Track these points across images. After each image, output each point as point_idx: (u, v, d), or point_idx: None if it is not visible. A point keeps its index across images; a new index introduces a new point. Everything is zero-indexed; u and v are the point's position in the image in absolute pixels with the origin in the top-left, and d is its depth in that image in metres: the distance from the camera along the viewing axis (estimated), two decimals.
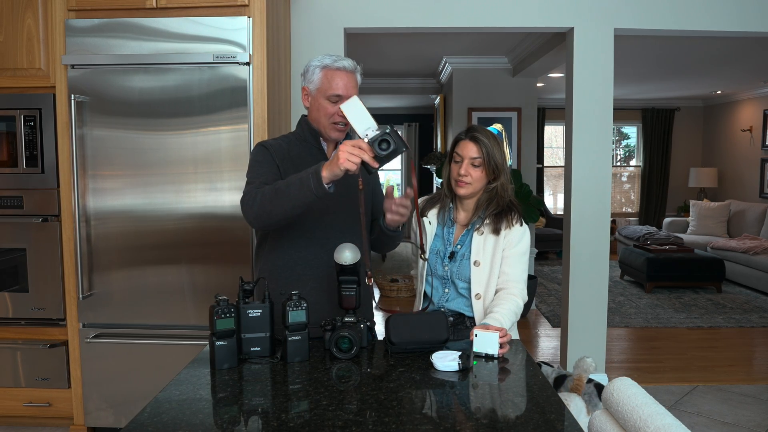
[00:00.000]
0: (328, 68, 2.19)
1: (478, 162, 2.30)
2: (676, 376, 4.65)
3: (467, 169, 2.30)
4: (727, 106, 10.14)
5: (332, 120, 2.21)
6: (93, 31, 3.15)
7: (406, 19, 3.91)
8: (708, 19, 3.94)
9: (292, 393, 1.66)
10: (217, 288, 3.20)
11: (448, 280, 2.38)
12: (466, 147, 2.32)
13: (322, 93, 2.20)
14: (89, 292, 3.28)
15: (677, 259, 7.60)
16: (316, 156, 2.27)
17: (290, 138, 2.31)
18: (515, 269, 2.32)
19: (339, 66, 2.19)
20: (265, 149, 2.22)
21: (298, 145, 2.28)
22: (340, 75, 2.19)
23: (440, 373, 1.82)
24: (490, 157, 2.29)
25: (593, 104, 4.03)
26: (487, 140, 2.30)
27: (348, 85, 2.20)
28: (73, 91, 3.17)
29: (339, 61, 2.20)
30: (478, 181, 2.32)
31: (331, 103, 2.19)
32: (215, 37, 3.10)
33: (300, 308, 1.92)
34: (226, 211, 3.17)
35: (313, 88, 2.22)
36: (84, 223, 3.24)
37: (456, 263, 2.36)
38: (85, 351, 3.33)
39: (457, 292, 2.37)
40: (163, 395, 1.65)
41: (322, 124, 2.23)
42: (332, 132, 2.23)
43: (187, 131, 3.15)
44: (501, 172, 2.33)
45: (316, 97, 2.22)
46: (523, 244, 2.34)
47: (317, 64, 2.21)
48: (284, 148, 2.24)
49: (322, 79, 2.19)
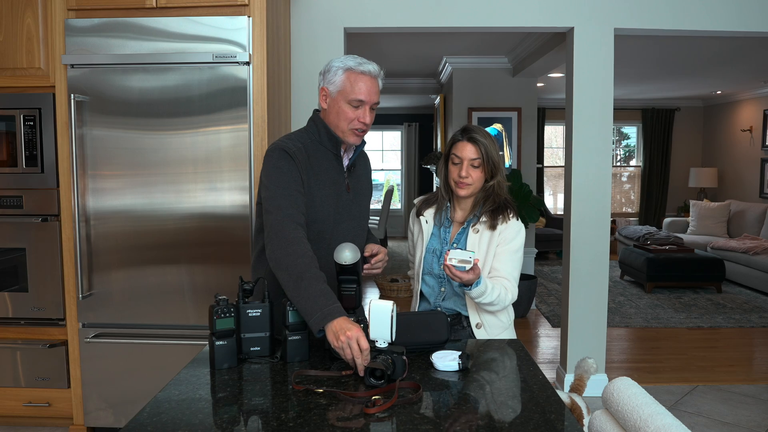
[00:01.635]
0: (351, 71, 2.11)
1: (478, 163, 2.30)
2: (676, 376, 4.64)
3: (468, 170, 2.29)
4: (727, 106, 10.14)
5: (352, 126, 2.14)
6: (93, 31, 3.15)
7: (406, 18, 3.91)
8: (708, 19, 3.94)
9: (291, 393, 1.66)
10: (217, 288, 3.20)
11: (444, 279, 2.37)
12: (464, 148, 2.31)
13: (344, 96, 2.12)
14: (89, 291, 3.28)
15: (677, 259, 7.59)
16: (334, 165, 2.21)
17: (305, 140, 2.19)
18: (506, 265, 2.32)
19: (363, 70, 2.12)
20: (290, 158, 2.09)
21: (315, 150, 2.18)
22: (363, 79, 2.11)
23: (440, 373, 1.82)
24: (489, 157, 2.30)
25: (593, 104, 4.03)
26: (485, 140, 2.30)
27: (371, 90, 2.13)
28: (72, 90, 3.17)
29: (364, 65, 2.12)
30: (478, 181, 2.32)
31: (353, 108, 2.12)
32: (215, 36, 3.10)
33: None
34: (226, 211, 3.17)
35: (334, 90, 2.13)
36: (84, 223, 3.24)
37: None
38: (84, 351, 3.33)
39: (453, 290, 2.37)
40: (163, 395, 1.65)
41: (340, 128, 2.16)
42: (350, 137, 2.17)
43: (186, 131, 3.15)
44: (498, 170, 2.34)
45: (336, 100, 2.14)
46: (517, 241, 2.34)
47: (340, 65, 2.13)
48: (304, 156, 2.14)
49: (344, 82, 2.11)
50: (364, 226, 2.37)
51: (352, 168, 2.30)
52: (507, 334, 2.40)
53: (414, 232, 2.52)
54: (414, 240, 2.52)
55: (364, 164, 2.42)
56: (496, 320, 2.36)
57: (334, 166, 2.21)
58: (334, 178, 2.20)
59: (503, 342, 2.20)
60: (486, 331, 2.34)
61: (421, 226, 2.45)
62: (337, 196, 2.21)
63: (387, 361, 1.73)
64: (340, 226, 2.23)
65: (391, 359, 1.74)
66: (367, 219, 2.42)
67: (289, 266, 1.92)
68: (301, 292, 1.87)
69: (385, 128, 12.52)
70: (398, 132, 12.50)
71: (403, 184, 12.39)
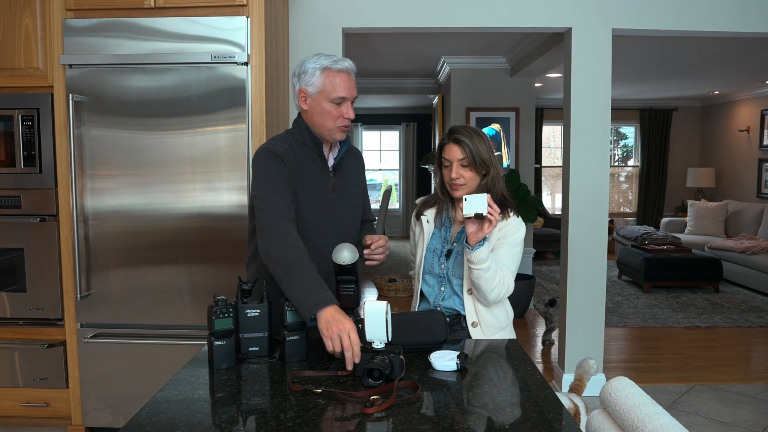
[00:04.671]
0: (329, 70, 2.15)
1: (466, 162, 2.30)
2: (673, 375, 4.65)
3: (458, 171, 2.31)
4: (725, 106, 10.15)
5: (338, 123, 2.18)
6: (91, 31, 3.15)
7: (404, 19, 3.91)
8: (707, 19, 3.94)
9: (290, 393, 1.67)
10: (215, 288, 3.20)
11: (444, 278, 2.38)
12: (450, 150, 2.32)
13: (325, 96, 2.15)
14: (87, 292, 3.28)
15: (675, 259, 7.61)
16: (318, 165, 2.24)
17: (290, 141, 2.23)
18: (503, 257, 2.31)
19: (341, 68, 2.16)
20: (278, 159, 2.14)
21: (300, 151, 2.22)
22: (341, 76, 2.16)
23: (438, 373, 1.82)
24: (475, 156, 2.29)
25: (591, 104, 4.04)
26: (469, 139, 2.30)
27: (350, 86, 2.18)
28: (71, 90, 3.17)
29: (339, 63, 2.16)
30: (471, 180, 2.33)
31: (336, 106, 2.16)
32: (213, 36, 3.10)
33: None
34: (224, 211, 3.17)
35: (314, 91, 2.17)
36: (82, 223, 3.24)
37: (452, 261, 2.38)
38: (83, 351, 3.33)
39: (452, 290, 2.38)
40: (162, 395, 1.65)
41: (327, 127, 2.18)
42: (338, 134, 2.21)
43: (185, 131, 3.15)
44: (490, 166, 2.33)
45: (317, 101, 2.17)
46: (517, 236, 2.34)
47: (316, 66, 2.16)
48: (290, 154, 2.18)
49: (323, 82, 2.15)
50: (352, 223, 2.38)
51: (338, 167, 2.32)
52: (505, 334, 2.39)
53: (415, 233, 2.54)
54: (415, 240, 2.54)
55: (355, 161, 2.43)
56: (493, 318, 2.35)
57: (318, 166, 2.25)
58: (318, 178, 2.24)
59: (501, 342, 2.20)
60: (482, 331, 2.33)
61: (423, 226, 2.47)
62: (321, 196, 2.24)
63: (384, 362, 1.72)
64: (325, 225, 2.25)
65: (389, 359, 1.74)
66: (358, 216, 2.43)
67: (281, 258, 1.97)
68: (293, 282, 1.91)
69: (383, 128, 12.53)
70: (396, 132, 12.51)
71: (401, 184, 12.40)
